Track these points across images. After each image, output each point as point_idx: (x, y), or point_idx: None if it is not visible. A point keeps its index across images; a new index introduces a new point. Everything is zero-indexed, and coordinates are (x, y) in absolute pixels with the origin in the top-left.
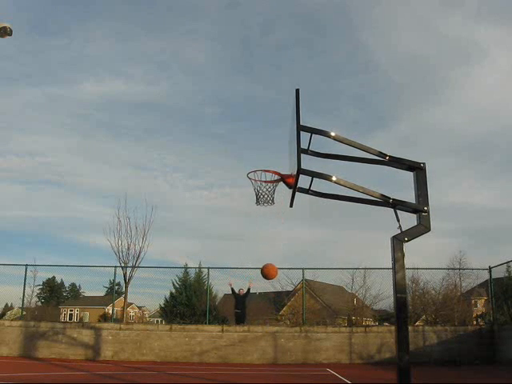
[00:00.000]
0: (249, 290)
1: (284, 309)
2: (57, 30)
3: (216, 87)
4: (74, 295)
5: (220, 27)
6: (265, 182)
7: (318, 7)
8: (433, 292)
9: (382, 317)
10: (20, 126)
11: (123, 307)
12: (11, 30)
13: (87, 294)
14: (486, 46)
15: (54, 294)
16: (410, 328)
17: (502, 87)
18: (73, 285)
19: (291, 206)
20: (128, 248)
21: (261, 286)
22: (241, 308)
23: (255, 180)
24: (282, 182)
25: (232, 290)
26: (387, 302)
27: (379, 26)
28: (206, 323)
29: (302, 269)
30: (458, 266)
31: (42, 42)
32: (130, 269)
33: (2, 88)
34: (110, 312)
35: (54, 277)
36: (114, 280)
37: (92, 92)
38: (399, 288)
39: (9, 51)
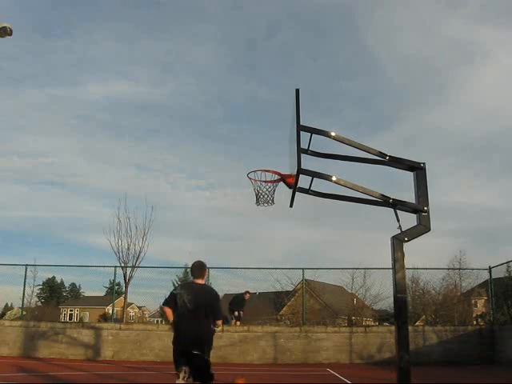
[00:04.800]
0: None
1: (284, 309)
2: (60, 32)
3: (218, 88)
4: (74, 295)
5: (224, 29)
6: (265, 181)
7: (320, 9)
8: (433, 292)
9: (381, 317)
10: (22, 126)
11: (123, 307)
12: (11, 30)
13: (87, 293)
14: (488, 47)
15: (54, 293)
16: (410, 328)
17: (504, 88)
18: (73, 285)
19: (291, 206)
20: (128, 248)
21: (261, 286)
22: (238, 310)
23: (255, 180)
24: (282, 182)
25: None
26: (387, 302)
27: (381, 28)
28: None
29: (302, 269)
30: (458, 266)
31: (45, 43)
32: (130, 269)
33: (4, 89)
34: (110, 312)
35: (53, 277)
36: (113, 280)
37: (94, 93)
38: (399, 288)
39: (12, 52)
